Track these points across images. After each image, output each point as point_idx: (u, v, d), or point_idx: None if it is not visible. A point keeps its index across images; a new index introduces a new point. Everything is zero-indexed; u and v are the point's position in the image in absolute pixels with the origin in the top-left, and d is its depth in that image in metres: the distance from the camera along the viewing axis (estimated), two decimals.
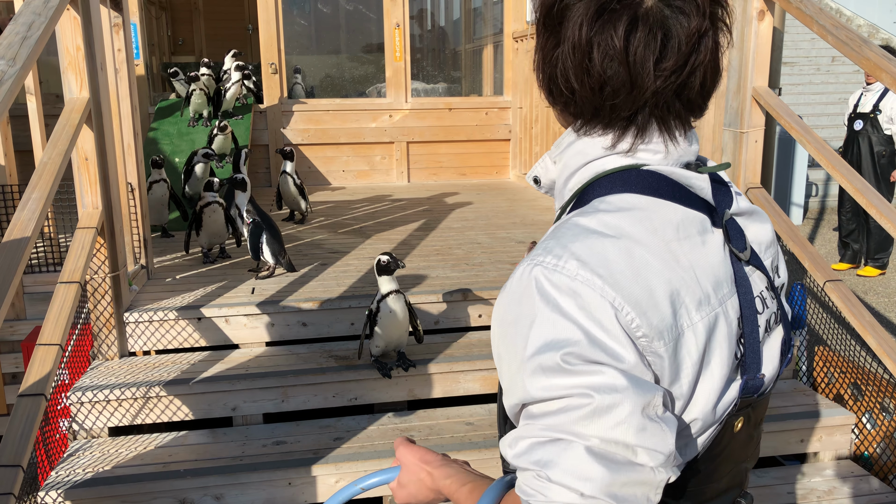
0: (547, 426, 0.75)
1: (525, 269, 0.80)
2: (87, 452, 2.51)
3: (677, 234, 0.82)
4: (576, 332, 0.75)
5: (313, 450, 2.52)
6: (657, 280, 0.79)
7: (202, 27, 10.13)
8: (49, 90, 6.00)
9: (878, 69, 2.49)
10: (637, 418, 0.73)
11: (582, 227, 0.81)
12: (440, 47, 8.20)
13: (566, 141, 0.90)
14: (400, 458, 0.97)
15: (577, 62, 0.81)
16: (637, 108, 0.82)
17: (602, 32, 0.79)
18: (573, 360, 0.74)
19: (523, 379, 0.77)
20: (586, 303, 0.76)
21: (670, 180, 0.85)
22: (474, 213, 4.98)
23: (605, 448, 0.73)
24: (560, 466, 0.73)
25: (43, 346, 2.23)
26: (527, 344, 0.77)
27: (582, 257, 0.78)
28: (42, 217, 2.12)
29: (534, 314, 0.77)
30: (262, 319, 3.02)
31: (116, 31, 3.20)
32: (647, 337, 0.77)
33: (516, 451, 0.77)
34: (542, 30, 0.86)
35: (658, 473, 0.74)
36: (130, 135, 3.28)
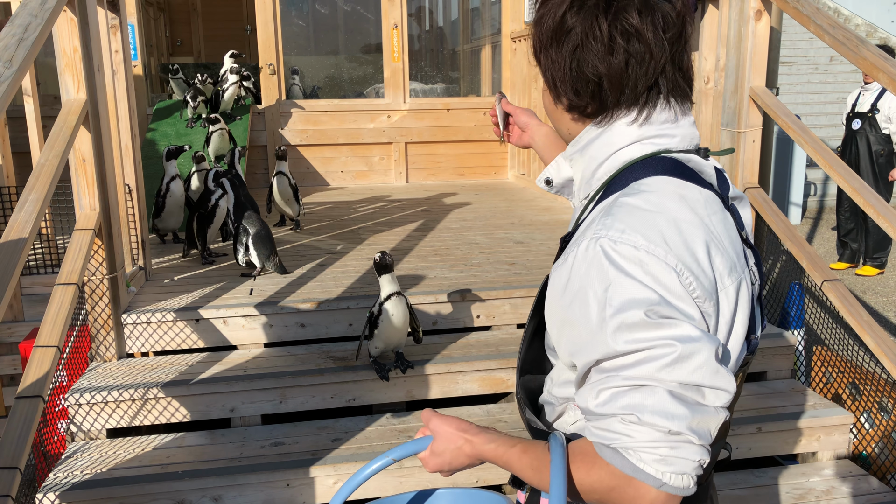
0: (630, 376, 0.85)
1: (590, 243, 0.90)
2: (85, 454, 2.51)
3: (707, 210, 0.94)
4: (650, 293, 0.85)
5: (311, 451, 2.51)
6: (701, 249, 0.90)
7: (200, 28, 10.13)
8: (47, 92, 6.00)
9: (874, 69, 2.49)
10: (713, 362, 0.84)
11: (632, 205, 0.92)
12: (438, 48, 8.20)
13: (587, 138, 1.01)
14: (434, 428, 1.03)
15: (602, 50, 0.94)
16: (656, 77, 0.96)
17: (617, 19, 0.93)
18: (654, 315, 0.84)
19: (605, 335, 0.86)
20: (652, 269, 0.86)
21: (687, 166, 0.98)
22: (472, 214, 4.98)
23: (683, 391, 0.84)
24: (648, 408, 0.83)
25: (41, 347, 2.22)
26: (605, 305, 0.86)
27: (641, 230, 0.88)
28: (39, 218, 2.12)
29: (608, 279, 0.87)
30: (260, 320, 3.02)
31: (114, 32, 3.20)
32: (700, 298, 0.88)
33: (600, 401, 0.86)
34: (551, 45, 0.99)
35: (719, 413, 0.86)
36: (128, 136, 3.28)
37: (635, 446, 0.84)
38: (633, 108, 0.98)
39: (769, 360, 3.06)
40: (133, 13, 5.55)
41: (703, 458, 0.85)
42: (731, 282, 0.93)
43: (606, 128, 1.00)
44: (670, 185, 0.94)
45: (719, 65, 3.41)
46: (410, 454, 1.02)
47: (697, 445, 0.84)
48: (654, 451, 0.83)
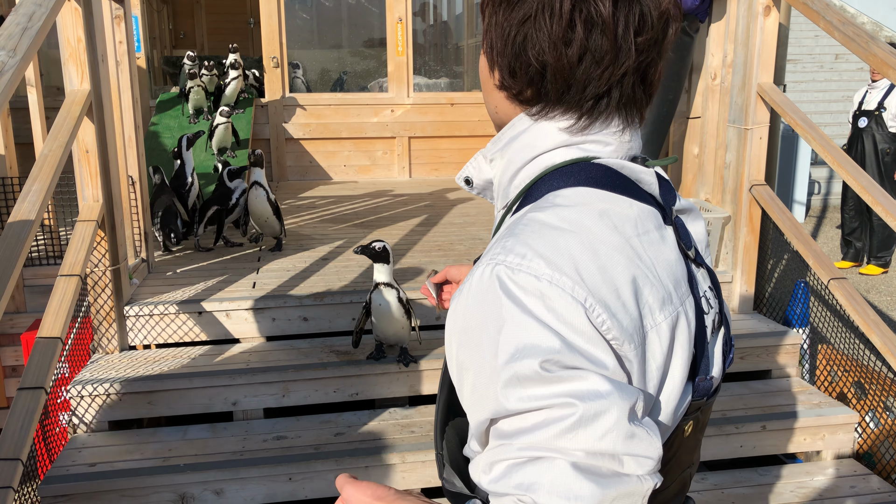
0: (525, 445, 0.68)
1: (485, 270, 0.74)
2: (86, 446, 2.50)
3: (636, 230, 0.79)
4: (550, 336, 0.69)
5: (314, 445, 2.50)
6: (623, 278, 0.74)
7: (203, 21, 10.11)
8: (50, 83, 5.99)
9: (885, 65, 2.47)
10: (624, 425, 0.67)
11: (540, 222, 0.76)
12: (442, 42, 8.17)
13: (510, 134, 0.85)
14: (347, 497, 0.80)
15: (556, 33, 0.76)
16: (610, 86, 0.79)
17: (585, 2, 0.76)
18: (552, 366, 0.68)
19: (496, 390, 0.70)
20: (556, 305, 0.70)
21: (621, 174, 0.82)
22: (476, 209, 4.96)
23: (591, 462, 0.67)
24: (545, 487, 0.66)
25: (43, 339, 2.22)
26: (497, 351, 0.70)
27: (546, 255, 0.72)
28: (42, 209, 2.11)
29: (502, 318, 0.71)
30: (263, 314, 3.01)
31: (118, 23, 3.18)
32: (617, 340, 0.72)
33: (492, 477, 0.70)
34: (501, 4, 0.80)
35: (645, 482, 0.69)
36: (132, 127, 3.26)
37: None
38: (573, 112, 0.81)
39: (773, 359, 3.05)
40: (137, 4, 5.52)
41: None
42: (663, 317, 0.77)
43: (531, 125, 0.83)
44: (593, 197, 0.78)
45: (727, 61, 3.39)
46: None
47: None
48: None
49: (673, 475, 0.86)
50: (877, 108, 6.13)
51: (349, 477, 0.83)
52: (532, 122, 0.83)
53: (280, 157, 6.01)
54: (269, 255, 3.72)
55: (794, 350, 3.06)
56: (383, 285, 2.64)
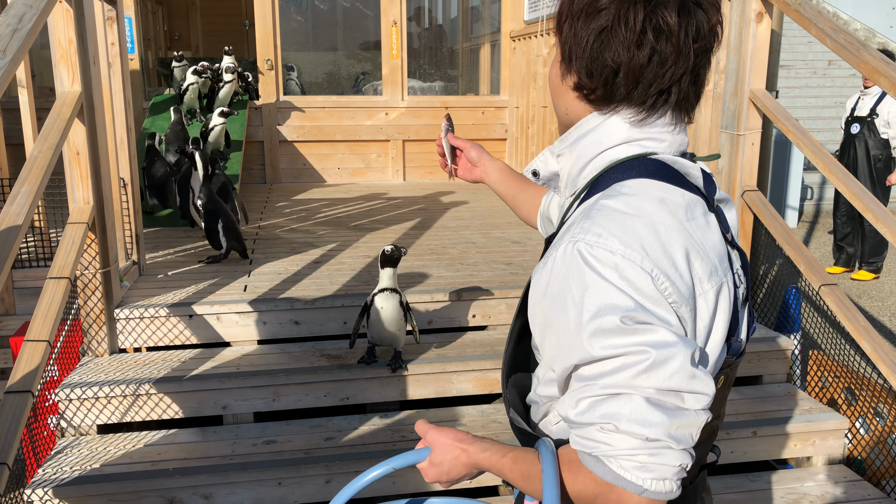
0: (606, 384, 0.84)
1: (567, 247, 0.89)
2: (74, 450, 2.49)
3: (687, 215, 0.94)
4: (626, 298, 0.85)
5: (304, 449, 2.49)
6: (679, 253, 0.90)
7: (198, 22, 10.09)
8: (43, 83, 5.96)
9: (875, 73, 2.48)
10: (688, 367, 0.84)
11: (611, 208, 0.91)
12: (437, 45, 8.17)
13: (577, 133, 1.00)
14: (431, 440, 1.04)
15: (630, 38, 0.92)
16: (672, 84, 0.94)
17: (655, 14, 0.92)
18: (629, 321, 0.84)
19: (582, 340, 0.86)
20: (628, 274, 0.86)
21: (673, 169, 0.97)
22: (469, 213, 4.96)
23: (660, 397, 0.84)
24: (625, 416, 0.83)
25: (31, 342, 2.20)
26: (583, 310, 0.86)
27: (618, 234, 0.88)
28: (31, 211, 2.10)
29: (585, 284, 0.86)
30: (253, 317, 2.99)
31: (110, 24, 3.17)
32: (676, 303, 0.88)
33: (579, 410, 0.87)
34: (579, 19, 0.96)
35: (700, 416, 0.85)
36: (123, 129, 3.25)
37: (615, 454, 0.84)
38: (639, 107, 0.96)
39: (765, 364, 3.05)
40: (130, 6, 5.51)
41: (685, 462, 0.85)
42: (710, 286, 0.92)
43: (601, 124, 0.98)
44: (652, 187, 0.94)
45: (719, 67, 3.40)
46: (411, 463, 1.04)
47: (678, 451, 0.84)
48: (633, 459, 0.83)
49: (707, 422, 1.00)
50: (869, 114, 6.16)
51: (428, 423, 1.06)
52: (600, 122, 0.98)
53: (274, 159, 6.00)
54: (261, 258, 3.71)
55: (785, 356, 3.06)
56: (388, 290, 2.64)
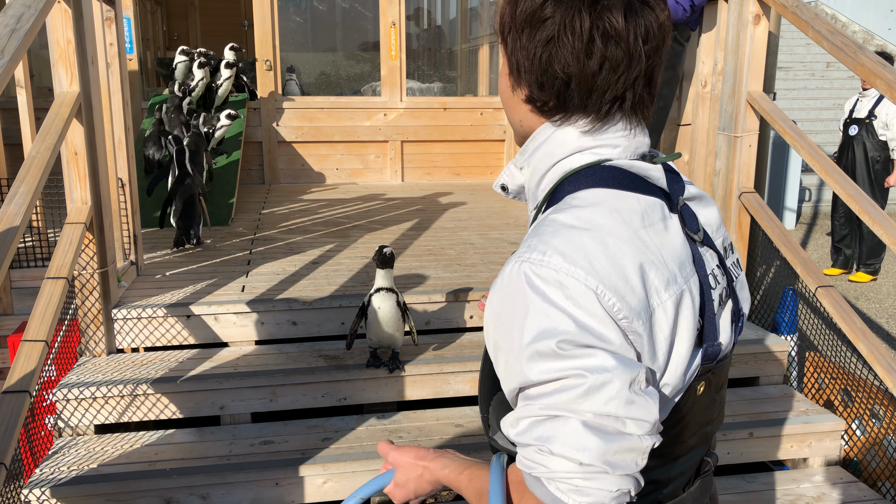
0: (545, 405, 0.84)
1: (514, 267, 0.88)
2: (72, 450, 2.49)
3: (643, 222, 0.91)
4: (566, 320, 0.83)
5: (301, 450, 2.50)
6: (631, 266, 0.87)
7: (198, 22, 10.09)
8: (41, 83, 5.96)
9: (872, 75, 2.49)
10: (625, 393, 0.82)
11: (559, 223, 0.89)
12: (436, 46, 8.18)
13: (533, 145, 0.98)
14: (393, 460, 1.05)
15: (578, 48, 0.90)
16: (625, 89, 0.92)
17: (601, 18, 0.89)
18: (566, 346, 0.82)
19: (521, 364, 0.85)
20: (572, 292, 0.84)
21: (630, 173, 0.94)
22: (467, 214, 4.96)
23: (599, 421, 0.82)
24: (559, 440, 0.82)
25: (28, 342, 2.20)
26: (523, 333, 0.85)
27: (563, 251, 0.86)
28: (29, 211, 2.10)
29: (527, 306, 0.85)
30: (251, 318, 3.00)
31: (108, 24, 3.17)
32: (627, 318, 0.85)
33: (518, 430, 0.86)
34: (522, 30, 0.93)
35: (644, 440, 0.83)
36: (122, 129, 3.25)
37: (552, 477, 0.83)
38: (593, 115, 0.94)
39: (762, 366, 3.06)
40: (129, 6, 5.51)
41: (625, 487, 0.83)
42: (668, 296, 0.89)
43: (552, 135, 0.96)
44: (605, 197, 0.91)
45: (717, 69, 3.41)
46: (378, 489, 1.06)
47: (614, 476, 0.82)
48: (569, 482, 0.82)
49: (691, 429, 0.99)
50: (867, 116, 6.17)
51: (390, 443, 1.07)
52: (553, 132, 0.96)
53: (272, 159, 6.00)
54: (260, 258, 3.71)
55: (782, 357, 3.07)
56: (384, 290, 2.65)
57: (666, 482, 0.99)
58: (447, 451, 1.04)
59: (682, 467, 1.00)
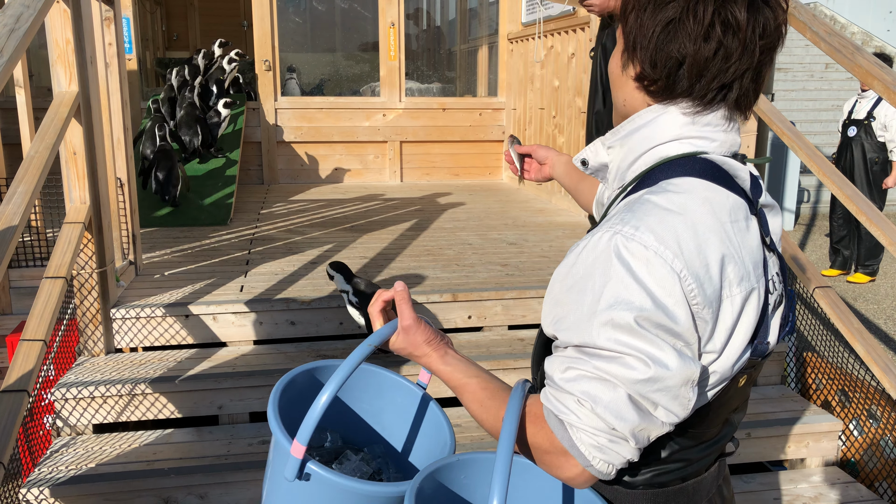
0: (599, 367, 0.88)
1: (604, 235, 0.91)
2: (70, 449, 2.49)
3: (730, 217, 0.94)
4: (645, 297, 0.87)
5: None
6: (714, 256, 0.91)
7: (197, 23, 10.09)
8: (41, 83, 5.97)
9: (869, 76, 2.49)
10: (675, 390, 0.88)
11: (654, 203, 0.92)
12: (435, 47, 8.19)
13: (630, 127, 1.01)
14: (405, 328, 1.07)
15: (697, 31, 0.93)
16: (734, 79, 0.95)
17: (724, 8, 0.93)
18: (644, 322, 0.87)
19: (592, 326, 0.89)
20: (657, 271, 0.87)
21: (723, 169, 0.98)
22: (466, 214, 4.97)
23: (640, 400, 0.88)
24: (603, 402, 0.88)
25: (27, 341, 2.21)
26: (600, 298, 0.88)
27: (656, 230, 0.89)
28: (28, 211, 2.10)
29: (608, 274, 0.88)
30: (250, 317, 3.00)
31: (108, 24, 3.18)
32: (699, 304, 0.89)
33: (566, 377, 0.91)
34: (648, 9, 0.97)
35: (664, 428, 0.91)
36: (120, 129, 3.26)
37: (579, 426, 0.90)
38: (698, 101, 0.97)
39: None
40: (128, 6, 5.52)
41: (633, 457, 0.91)
42: (739, 290, 0.93)
43: (654, 118, 0.99)
44: (699, 187, 0.94)
45: None
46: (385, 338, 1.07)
47: (632, 447, 0.90)
48: (594, 438, 0.89)
49: (721, 415, 1.04)
50: (866, 117, 6.18)
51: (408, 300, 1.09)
52: (655, 116, 0.99)
53: (271, 159, 6.01)
54: (258, 258, 3.72)
55: (779, 358, 3.08)
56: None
57: (693, 461, 1.04)
58: (448, 343, 1.09)
59: (711, 449, 1.06)
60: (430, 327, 1.09)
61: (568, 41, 4.85)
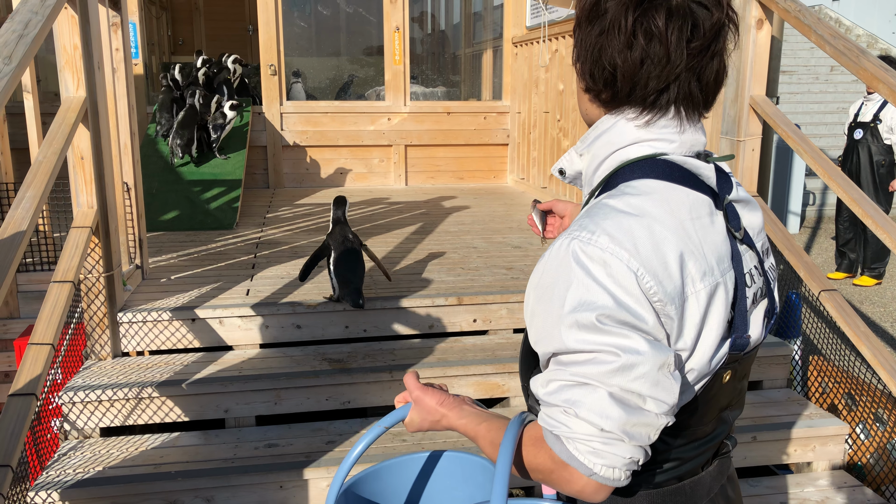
0: (576, 373, 0.90)
1: (563, 242, 0.94)
2: (78, 453, 2.50)
3: (690, 215, 0.96)
4: (605, 296, 0.89)
5: (305, 453, 2.51)
6: (672, 253, 0.92)
7: (202, 27, 10.13)
8: (48, 88, 6.00)
9: (874, 80, 2.49)
10: (653, 375, 0.89)
11: (611, 207, 0.95)
12: (440, 51, 8.20)
13: (594, 133, 1.04)
14: (416, 399, 1.11)
15: (622, 42, 0.96)
16: (668, 83, 0.96)
17: (644, 18, 0.95)
18: (606, 320, 0.89)
19: (560, 331, 0.91)
20: (614, 271, 0.90)
21: (683, 168, 1.00)
22: (471, 218, 4.97)
23: (623, 395, 0.89)
24: (586, 405, 0.89)
25: (35, 345, 2.22)
26: (564, 303, 0.91)
27: (611, 233, 0.91)
28: (36, 216, 2.12)
29: (570, 279, 0.91)
30: (256, 321, 3.01)
31: (115, 30, 3.20)
32: (661, 301, 0.91)
33: (548, 390, 0.93)
34: (584, 23, 1.01)
35: (660, 419, 0.91)
36: (127, 134, 3.27)
37: (572, 436, 0.90)
38: (641, 107, 0.99)
39: (766, 369, 3.06)
40: (135, 11, 5.55)
41: (636, 457, 0.91)
42: (703, 286, 0.94)
43: (613, 125, 1.02)
44: (658, 187, 0.97)
45: None
46: (398, 422, 1.13)
47: (629, 445, 0.90)
48: (588, 444, 0.90)
49: (712, 413, 1.05)
50: (872, 119, 6.16)
51: (416, 377, 1.13)
52: (613, 122, 1.02)
53: (277, 163, 6.02)
54: (264, 262, 3.73)
55: (785, 361, 3.07)
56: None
57: (686, 460, 1.05)
58: (465, 400, 1.11)
59: (703, 447, 1.06)
60: (441, 391, 1.12)
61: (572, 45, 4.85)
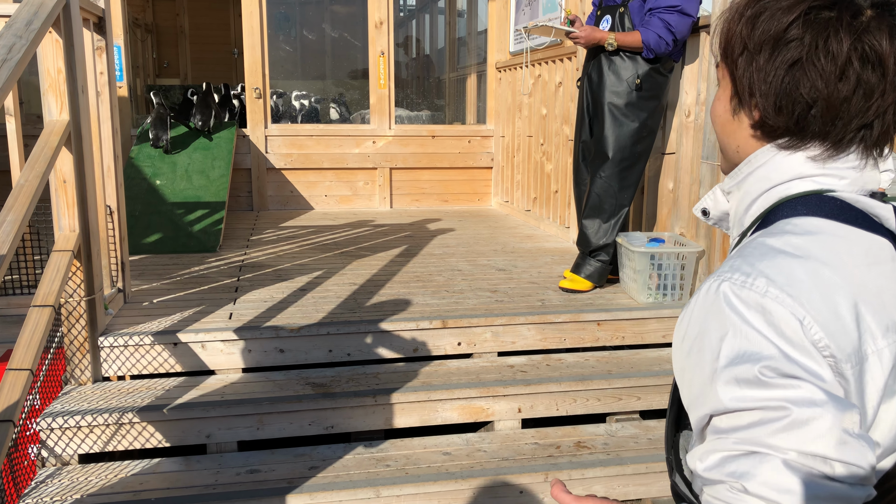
0: (740, 439, 0.75)
1: (712, 285, 0.81)
2: (55, 480, 2.46)
3: (865, 259, 0.82)
4: (770, 346, 0.75)
5: (288, 479, 2.48)
6: (845, 303, 0.78)
7: (188, 50, 10.15)
8: (31, 110, 5.97)
9: None
10: (837, 432, 0.72)
11: (769, 246, 0.82)
12: (424, 75, 8.27)
13: (747, 169, 0.91)
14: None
15: (830, 70, 0.82)
16: (874, 118, 0.84)
17: (862, 40, 0.81)
18: (770, 372, 0.74)
19: (716, 389, 0.77)
20: (776, 319, 0.76)
21: (855, 208, 0.85)
22: (455, 240, 4.99)
23: (803, 461, 0.72)
24: (757, 479, 0.72)
25: (13, 370, 2.19)
26: (718, 356, 0.77)
27: (770, 275, 0.78)
28: (17, 240, 2.10)
29: (724, 327, 0.78)
30: (238, 345, 2.99)
31: (99, 54, 3.20)
32: (834, 358, 0.76)
33: (707, 465, 0.77)
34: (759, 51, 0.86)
35: (856, 490, 0.72)
36: (111, 157, 3.26)
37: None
38: (831, 143, 0.86)
39: None
40: (120, 35, 5.56)
41: None
42: (885, 343, 0.79)
43: (772, 158, 0.88)
44: (823, 227, 0.83)
45: (700, 98, 3.47)
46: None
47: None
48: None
49: None
50: None
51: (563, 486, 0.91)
52: (773, 155, 0.88)
53: (261, 186, 6.03)
54: (247, 285, 3.71)
55: None
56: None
57: None
58: None
59: None
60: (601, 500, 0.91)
61: (555, 70, 4.92)
